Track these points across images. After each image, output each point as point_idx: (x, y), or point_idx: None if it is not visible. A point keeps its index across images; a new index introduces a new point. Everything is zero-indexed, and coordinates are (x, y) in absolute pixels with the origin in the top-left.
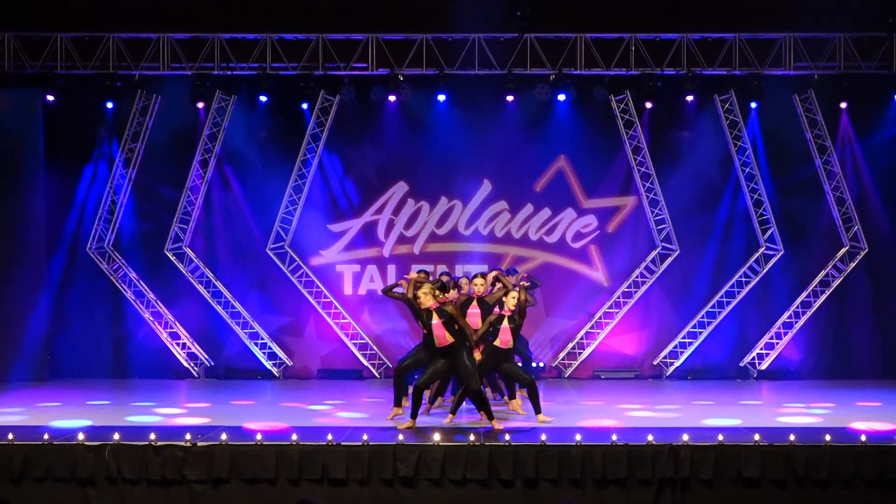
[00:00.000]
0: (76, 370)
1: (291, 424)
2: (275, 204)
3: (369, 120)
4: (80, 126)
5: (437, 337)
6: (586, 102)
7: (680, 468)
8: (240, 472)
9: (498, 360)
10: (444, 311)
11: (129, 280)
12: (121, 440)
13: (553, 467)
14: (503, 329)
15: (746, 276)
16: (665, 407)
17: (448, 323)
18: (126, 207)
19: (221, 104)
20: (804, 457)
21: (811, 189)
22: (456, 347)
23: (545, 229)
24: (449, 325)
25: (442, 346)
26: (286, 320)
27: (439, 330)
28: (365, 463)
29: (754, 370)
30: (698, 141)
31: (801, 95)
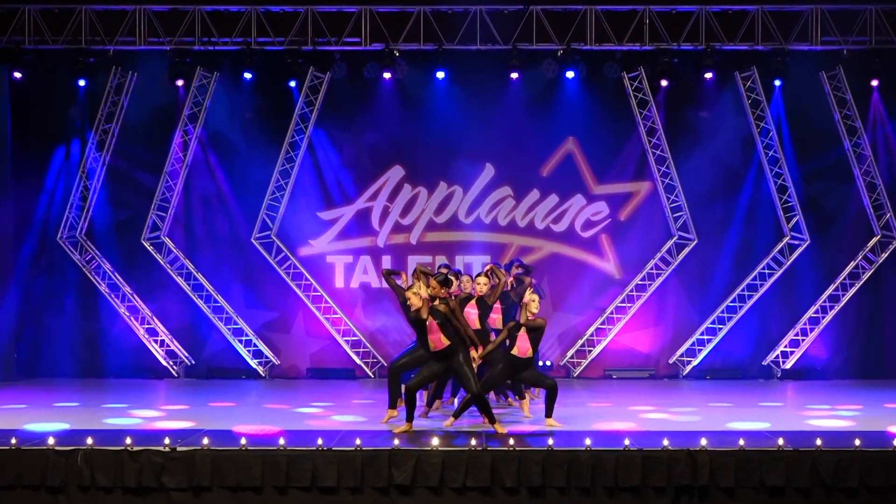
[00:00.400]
0: (46, 369)
1: (278, 428)
2: (260, 190)
3: (362, 99)
4: (49, 106)
5: (432, 341)
6: (597, 80)
7: (698, 475)
8: (222, 480)
9: (516, 370)
10: (437, 312)
11: (103, 272)
12: (94, 445)
13: (561, 474)
14: (520, 336)
15: (770, 268)
16: (682, 409)
17: (443, 325)
18: (100, 193)
19: (203, 82)
20: (832, 463)
21: (840, 173)
22: (452, 350)
23: (552, 217)
24: (444, 327)
25: (437, 350)
26: (273, 315)
27: (433, 333)
28: (358, 469)
29: (778, 369)
30: (718, 122)
31: (829, 72)
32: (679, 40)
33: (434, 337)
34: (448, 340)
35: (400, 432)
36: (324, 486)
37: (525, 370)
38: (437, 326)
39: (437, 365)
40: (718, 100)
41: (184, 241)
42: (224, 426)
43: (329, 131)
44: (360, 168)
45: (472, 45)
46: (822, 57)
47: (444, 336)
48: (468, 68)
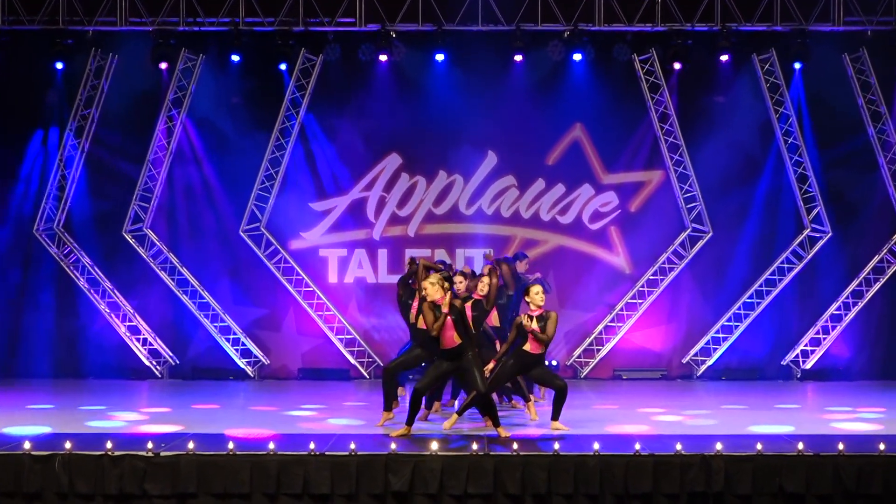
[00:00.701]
0: (22, 369)
1: (268, 431)
2: (249, 179)
3: (357, 83)
4: (25, 90)
5: (445, 338)
6: (606, 63)
7: (713, 482)
8: (209, 486)
9: (525, 367)
10: (454, 308)
11: (83, 266)
12: (73, 449)
13: (568, 480)
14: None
15: (789, 262)
16: (695, 412)
17: (457, 322)
18: (78, 183)
19: (188, 65)
20: (854, 469)
21: (863, 162)
22: (463, 349)
23: (558, 208)
24: (457, 325)
25: (449, 349)
26: (262, 312)
27: (448, 330)
28: (352, 475)
29: (798, 370)
30: (734, 107)
31: (853, 54)
32: (693, 20)
33: (448, 334)
34: (460, 339)
35: (398, 436)
36: (316, 494)
37: (535, 368)
38: (451, 323)
39: (446, 364)
40: (735, 84)
41: (167, 234)
42: (210, 430)
43: (322, 117)
44: (354, 156)
45: (473, 26)
46: (844, 38)
47: (457, 334)
48: (469, 50)
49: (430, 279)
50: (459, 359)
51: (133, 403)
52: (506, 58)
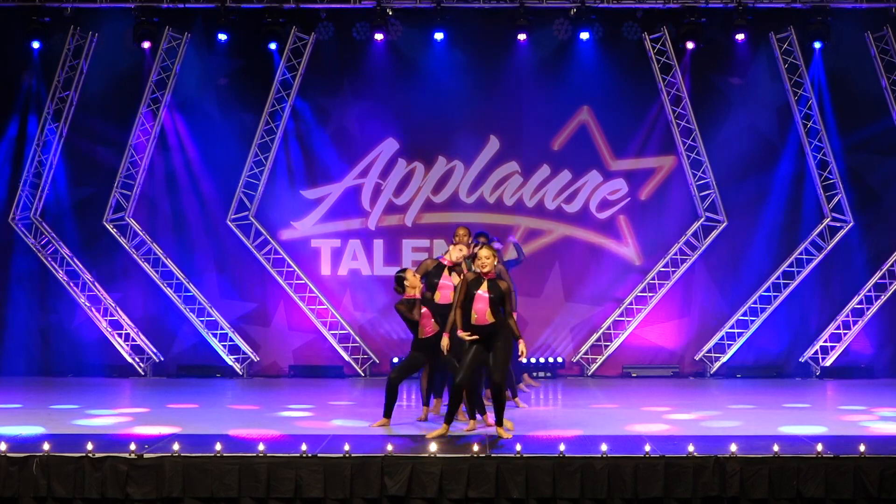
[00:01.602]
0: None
1: (258, 432)
2: (237, 166)
3: (351, 63)
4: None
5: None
6: (615, 42)
7: (727, 485)
8: (195, 490)
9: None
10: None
11: (61, 257)
12: (52, 451)
13: (573, 484)
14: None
15: (808, 254)
16: (709, 411)
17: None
18: (56, 170)
19: (172, 44)
20: (877, 471)
21: (887, 147)
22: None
23: (564, 196)
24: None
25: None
26: (251, 307)
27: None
28: (346, 479)
29: (817, 367)
30: (750, 89)
31: (876, 33)
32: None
33: (482, 308)
34: (493, 318)
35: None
36: (308, 497)
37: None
38: (489, 300)
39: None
40: (751, 64)
41: (151, 224)
42: (196, 430)
43: (314, 100)
44: (348, 141)
45: (474, 3)
46: (867, 15)
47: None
48: (470, 29)
49: (486, 251)
50: (494, 338)
51: (114, 403)
52: (509, 37)
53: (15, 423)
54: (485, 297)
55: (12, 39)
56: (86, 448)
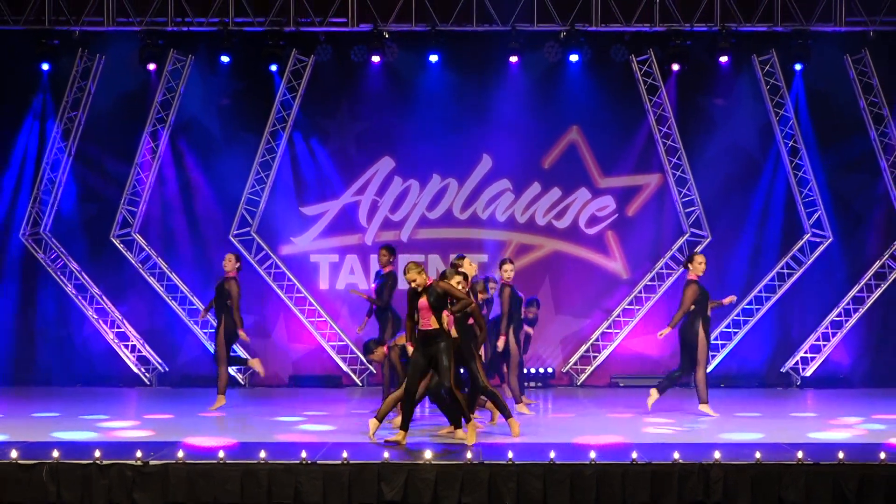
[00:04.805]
0: (7, 376)
1: (259, 440)
2: (239, 183)
3: (349, 84)
4: (10, 91)
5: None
6: (603, 64)
7: (711, 491)
8: (198, 496)
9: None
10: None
11: (70, 272)
12: (60, 458)
13: (564, 490)
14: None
15: (789, 268)
16: (694, 419)
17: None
18: (65, 186)
19: (176, 66)
20: (855, 478)
21: (865, 166)
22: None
23: (555, 213)
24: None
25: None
26: (252, 319)
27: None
28: (345, 485)
29: (798, 377)
30: (734, 109)
31: (854, 56)
32: (692, 21)
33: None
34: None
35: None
36: (308, 503)
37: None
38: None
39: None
40: (734, 85)
41: (156, 239)
42: (200, 438)
43: (313, 119)
44: (346, 159)
45: (468, 26)
46: (846, 39)
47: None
48: (464, 51)
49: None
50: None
51: (123, 411)
52: (501, 59)
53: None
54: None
55: (23, 61)
56: (93, 455)
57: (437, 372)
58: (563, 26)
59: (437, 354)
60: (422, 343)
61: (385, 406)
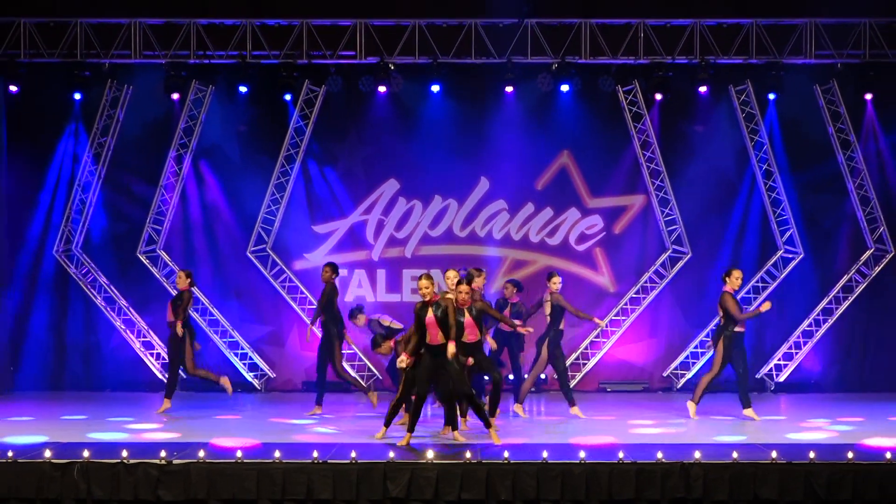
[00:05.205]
0: (42, 382)
1: (274, 441)
2: (256, 203)
3: (357, 112)
4: (45, 118)
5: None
6: (591, 93)
7: (692, 488)
8: (218, 493)
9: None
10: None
11: (99, 285)
12: (91, 458)
13: (555, 487)
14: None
15: (763, 282)
16: (676, 422)
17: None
18: (95, 207)
19: (198, 95)
20: (825, 476)
21: (834, 187)
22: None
23: (547, 230)
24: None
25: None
26: (268, 329)
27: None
28: (353, 482)
29: (772, 382)
30: (712, 135)
31: (823, 86)
32: (673, 54)
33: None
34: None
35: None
36: (319, 499)
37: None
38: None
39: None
40: (713, 113)
41: (180, 255)
42: (219, 439)
43: (324, 144)
44: (355, 181)
45: (467, 59)
46: (816, 70)
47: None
48: (463, 82)
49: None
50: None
51: (149, 414)
52: (497, 89)
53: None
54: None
55: (57, 91)
56: (121, 455)
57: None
58: (554, 59)
59: (446, 365)
60: (430, 355)
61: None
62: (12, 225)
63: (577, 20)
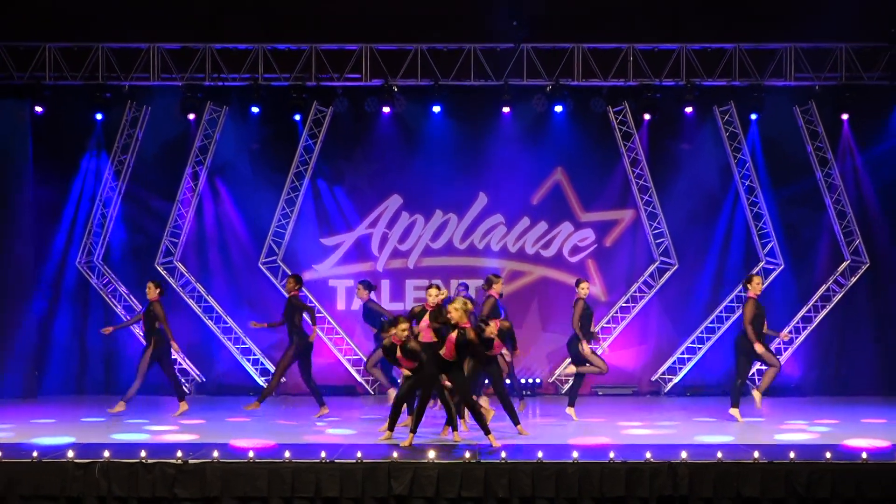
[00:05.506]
0: (65, 386)
1: (284, 441)
2: (267, 217)
3: (363, 131)
4: (69, 138)
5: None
6: (584, 114)
7: (678, 486)
8: (231, 491)
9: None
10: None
11: (119, 294)
12: (111, 458)
13: (550, 486)
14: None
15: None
16: (663, 424)
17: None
18: (116, 220)
19: (213, 115)
20: (805, 475)
21: (812, 202)
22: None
23: (542, 243)
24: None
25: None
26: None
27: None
28: (359, 481)
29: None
30: (697, 153)
31: (802, 107)
32: (661, 76)
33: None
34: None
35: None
36: (327, 497)
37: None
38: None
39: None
40: (698, 132)
41: (195, 266)
42: (233, 440)
43: (331, 162)
44: (360, 197)
45: (466, 81)
46: (795, 92)
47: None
48: (463, 103)
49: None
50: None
51: (165, 416)
52: (495, 109)
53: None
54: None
55: (80, 111)
56: (139, 455)
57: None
58: (549, 81)
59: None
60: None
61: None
62: (38, 237)
63: (570, 45)
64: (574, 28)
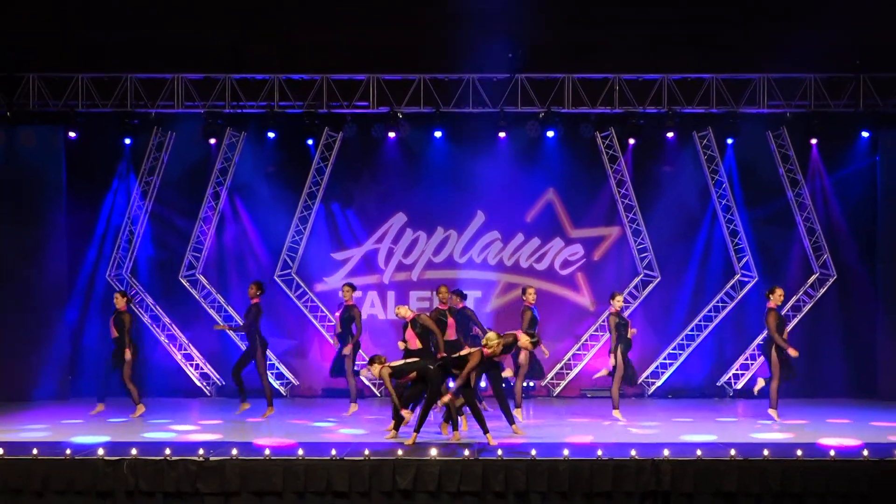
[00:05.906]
0: (94, 390)
1: (297, 440)
2: (282, 233)
3: (370, 155)
4: (99, 161)
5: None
6: (573, 139)
7: (661, 482)
8: (249, 486)
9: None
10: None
11: (146, 305)
12: (138, 455)
13: (542, 481)
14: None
15: (723, 301)
16: (647, 424)
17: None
18: (143, 237)
19: (232, 140)
20: (779, 471)
21: (784, 220)
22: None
23: (535, 257)
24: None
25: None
26: (293, 343)
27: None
28: (366, 476)
29: (730, 389)
30: (678, 175)
31: (775, 132)
32: (645, 104)
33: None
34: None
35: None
36: (337, 491)
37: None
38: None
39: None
40: (679, 156)
41: (216, 278)
42: (251, 439)
43: (341, 183)
44: (368, 214)
45: (465, 108)
46: (768, 119)
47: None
48: (462, 128)
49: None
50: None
51: (189, 417)
52: (492, 134)
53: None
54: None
55: (110, 136)
56: (164, 453)
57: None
58: (541, 108)
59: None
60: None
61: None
62: (71, 252)
63: (562, 75)
64: (565, 60)
